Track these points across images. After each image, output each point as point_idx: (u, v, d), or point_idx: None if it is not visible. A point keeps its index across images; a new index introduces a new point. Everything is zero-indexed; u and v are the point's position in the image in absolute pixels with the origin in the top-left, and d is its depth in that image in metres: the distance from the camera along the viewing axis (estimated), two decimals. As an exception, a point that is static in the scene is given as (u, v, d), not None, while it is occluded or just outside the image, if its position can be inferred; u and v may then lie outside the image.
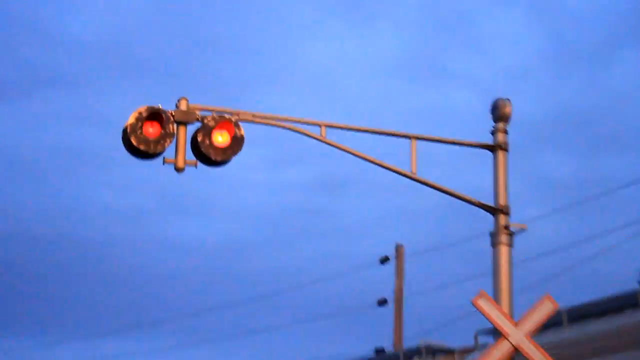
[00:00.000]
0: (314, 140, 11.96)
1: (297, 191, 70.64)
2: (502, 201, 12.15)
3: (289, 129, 12.07)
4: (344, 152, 12.01)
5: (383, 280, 30.03)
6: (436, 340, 22.68)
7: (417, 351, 23.05)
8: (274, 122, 12.07)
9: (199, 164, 11.67)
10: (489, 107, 12.33)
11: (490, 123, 12.35)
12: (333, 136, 12.07)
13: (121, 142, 11.53)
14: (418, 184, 12.21)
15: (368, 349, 21.19)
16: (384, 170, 12.15)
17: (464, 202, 12.27)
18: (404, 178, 12.20)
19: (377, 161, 12.10)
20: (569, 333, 15.18)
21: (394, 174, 12.17)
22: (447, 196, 12.34)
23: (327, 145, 11.96)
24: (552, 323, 13.51)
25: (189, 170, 11.54)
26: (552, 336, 15.25)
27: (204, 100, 11.73)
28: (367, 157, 12.10)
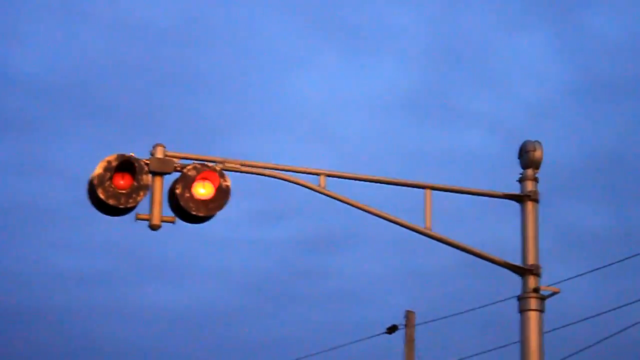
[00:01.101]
0: (308, 192, 11.09)
1: (288, 250, 67.05)
2: (531, 260, 11.32)
3: (283, 179, 11.12)
4: (344, 206, 11.16)
5: (391, 353, 28.30)
6: None
7: None
8: (265, 171, 11.10)
9: (178, 220, 10.69)
10: (509, 150, 11.39)
11: (511, 169, 11.76)
12: (332, 187, 11.12)
13: (86, 195, 10.53)
14: (433, 241, 11.35)
15: None
16: (391, 225, 11.29)
17: (486, 262, 11.42)
18: (415, 234, 11.36)
19: (387, 215, 11.20)
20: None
21: (403, 229, 11.32)
22: (465, 255, 11.52)
23: (324, 198, 11.08)
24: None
25: (164, 227, 10.56)
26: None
27: (179, 146, 10.83)
28: (375, 210, 11.20)
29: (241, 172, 10.94)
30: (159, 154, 10.69)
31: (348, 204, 11.10)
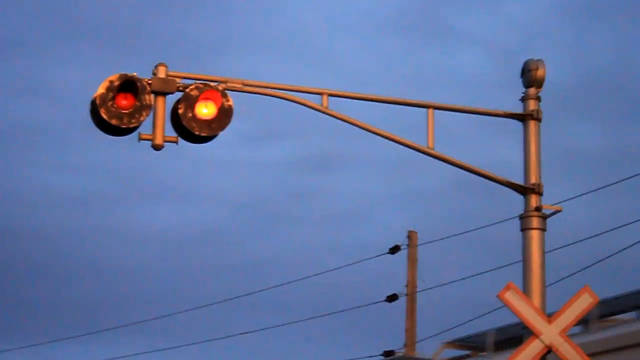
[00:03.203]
0: (308, 113, 11.26)
1: (287, 170, 66.78)
2: (533, 179, 11.51)
3: (286, 98, 11.29)
4: (345, 126, 11.36)
5: (393, 273, 28.55)
6: (418, 354, 22.36)
7: None
8: (268, 91, 11.26)
9: (180, 140, 10.88)
10: (501, 69, 11.37)
11: (507, 88, 11.71)
12: (335, 107, 11.32)
13: (89, 115, 10.70)
14: (434, 161, 11.56)
15: (376, 352, 20.42)
16: (392, 146, 11.51)
17: (488, 181, 11.62)
18: (416, 154, 11.57)
19: (390, 134, 11.39)
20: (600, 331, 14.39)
21: (404, 150, 11.54)
22: (466, 175, 11.72)
23: (325, 119, 11.26)
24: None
25: (164, 149, 10.83)
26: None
27: (178, 66, 10.94)
28: (378, 130, 11.39)
29: (243, 91, 11.10)
30: (161, 73, 10.82)
31: (351, 123, 11.29)
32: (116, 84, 10.53)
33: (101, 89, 10.50)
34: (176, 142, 10.79)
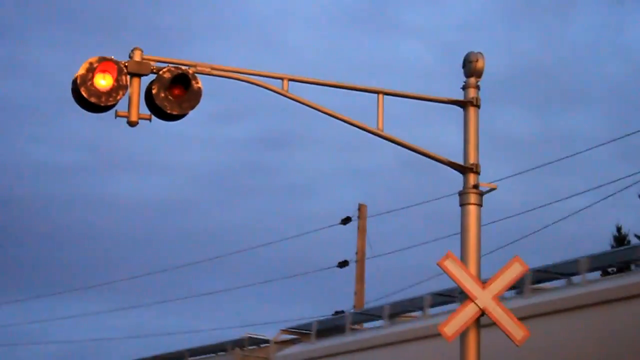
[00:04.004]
0: (268, 96, 11.84)
1: (248, 147, 68.22)
2: (472, 159, 12.00)
3: (250, 82, 11.85)
4: (302, 108, 11.89)
5: (344, 242, 29.70)
6: (259, 333, 23.13)
7: (240, 342, 23.17)
8: (234, 74, 11.85)
9: (153, 118, 11.48)
10: (442, 60, 12.22)
11: (445, 77, 12.56)
12: (293, 90, 11.90)
13: (71, 94, 11.29)
14: (383, 142, 12.10)
15: (328, 312, 21.16)
16: (343, 127, 12.07)
17: (430, 161, 12.13)
18: (366, 136, 12.08)
19: (344, 117, 11.94)
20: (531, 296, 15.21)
21: (355, 131, 12.07)
22: (411, 155, 12.23)
23: (283, 101, 11.84)
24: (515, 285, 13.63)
25: (124, 124, 11.43)
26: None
27: (152, 51, 11.55)
28: (333, 112, 11.93)
29: (212, 75, 11.66)
30: (137, 57, 11.39)
31: (308, 106, 11.83)
32: (95, 65, 11.10)
33: (82, 70, 11.08)
34: (149, 120, 11.35)
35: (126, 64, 11.30)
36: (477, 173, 11.95)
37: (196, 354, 24.91)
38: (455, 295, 15.78)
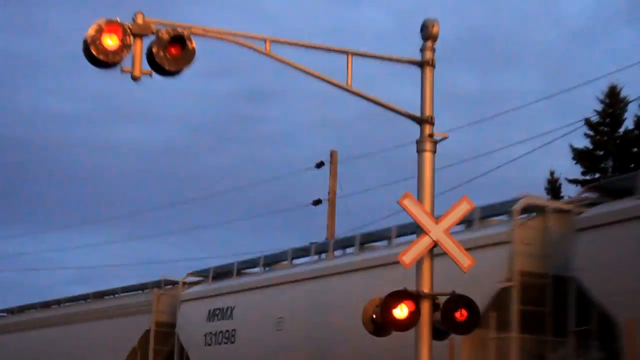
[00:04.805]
0: (252, 55, 12.55)
1: (234, 100, 71.41)
2: (428, 112, 12.85)
3: (237, 42, 12.67)
4: (281, 66, 12.60)
5: (318, 184, 31.58)
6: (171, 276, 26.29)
7: (157, 283, 26.68)
8: (224, 36, 12.64)
9: (154, 73, 12.29)
10: (399, 25, 13.13)
11: (403, 41, 13.24)
12: (275, 51, 12.69)
13: (82, 52, 12.11)
14: (352, 97, 12.90)
15: (304, 243, 22.61)
16: (317, 83, 12.76)
17: (392, 113, 12.90)
18: (337, 91, 12.82)
19: (317, 73, 12.72)
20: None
21: (327, 87, 12.81)
22: (376, 108, 12.94)
23: (265, 60, 12.59)
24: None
25: (126, 79, 12.21)
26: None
27: (153, 14, 12.26)
28: (309, 70, 12.71)
29: (205, 36, 12.48)
30: (139, 20, 12.18)
31: (289, 64, 12.65)
32: (103, 26, 11.92)
33: (91, 31, 11.91)
34: (150, 75, 12.17)
35: (130, 26, 12.04)
36: (432, 124, 12.70)
37: (125, 291, 28.24)
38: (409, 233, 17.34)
